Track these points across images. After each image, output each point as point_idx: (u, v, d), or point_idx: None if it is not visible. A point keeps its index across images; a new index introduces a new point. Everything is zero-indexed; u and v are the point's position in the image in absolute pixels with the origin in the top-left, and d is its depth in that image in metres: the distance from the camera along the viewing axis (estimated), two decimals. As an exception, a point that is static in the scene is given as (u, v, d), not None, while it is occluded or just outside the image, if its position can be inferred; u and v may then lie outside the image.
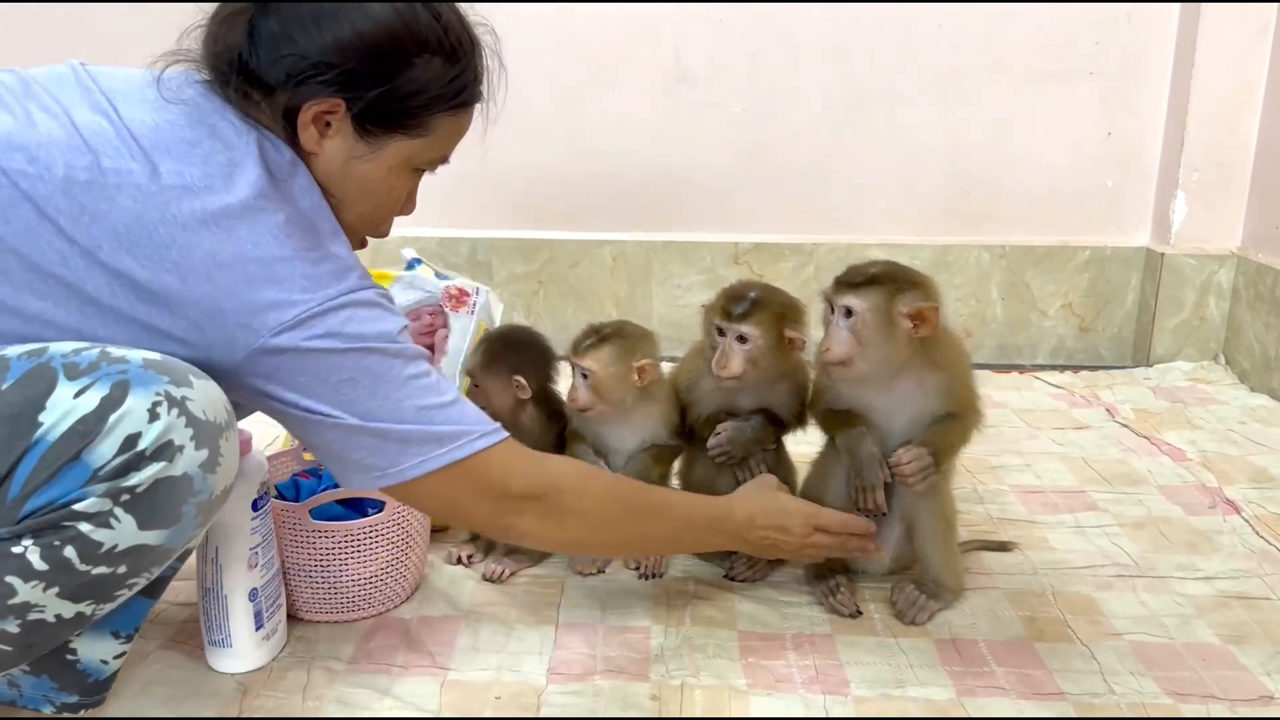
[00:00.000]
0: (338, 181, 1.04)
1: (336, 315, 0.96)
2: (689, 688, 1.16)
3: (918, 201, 2.57)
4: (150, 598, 1.01)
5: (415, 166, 1.10)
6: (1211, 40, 2.34)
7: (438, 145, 1.09)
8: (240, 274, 0.92)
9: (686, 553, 1.42)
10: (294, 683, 1.16)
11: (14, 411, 0.83)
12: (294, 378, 0.96)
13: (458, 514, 1.14)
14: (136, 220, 0.91)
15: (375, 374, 0.98)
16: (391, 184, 1.08)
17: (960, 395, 1.31)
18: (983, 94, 2.49)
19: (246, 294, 0.93)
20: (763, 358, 1.33)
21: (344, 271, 0.99)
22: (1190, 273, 2.45)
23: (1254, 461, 1.86)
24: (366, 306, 0.99)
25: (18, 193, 0.89)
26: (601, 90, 2.51)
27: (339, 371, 0.96)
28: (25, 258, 0.89)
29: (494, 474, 1.05)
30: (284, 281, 0.94)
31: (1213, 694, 1.16)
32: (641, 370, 1.36)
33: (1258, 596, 1.38)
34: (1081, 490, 1.74)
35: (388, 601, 1.32)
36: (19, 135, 0.91)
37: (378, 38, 0.99)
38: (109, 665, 0.99)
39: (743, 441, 1.39)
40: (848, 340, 1.25)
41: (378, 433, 0.99)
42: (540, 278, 2.61)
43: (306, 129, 1.00)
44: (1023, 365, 2.58)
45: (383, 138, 1.03)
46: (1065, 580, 1.42)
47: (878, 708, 1.13)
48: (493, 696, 1.15)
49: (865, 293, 1.24)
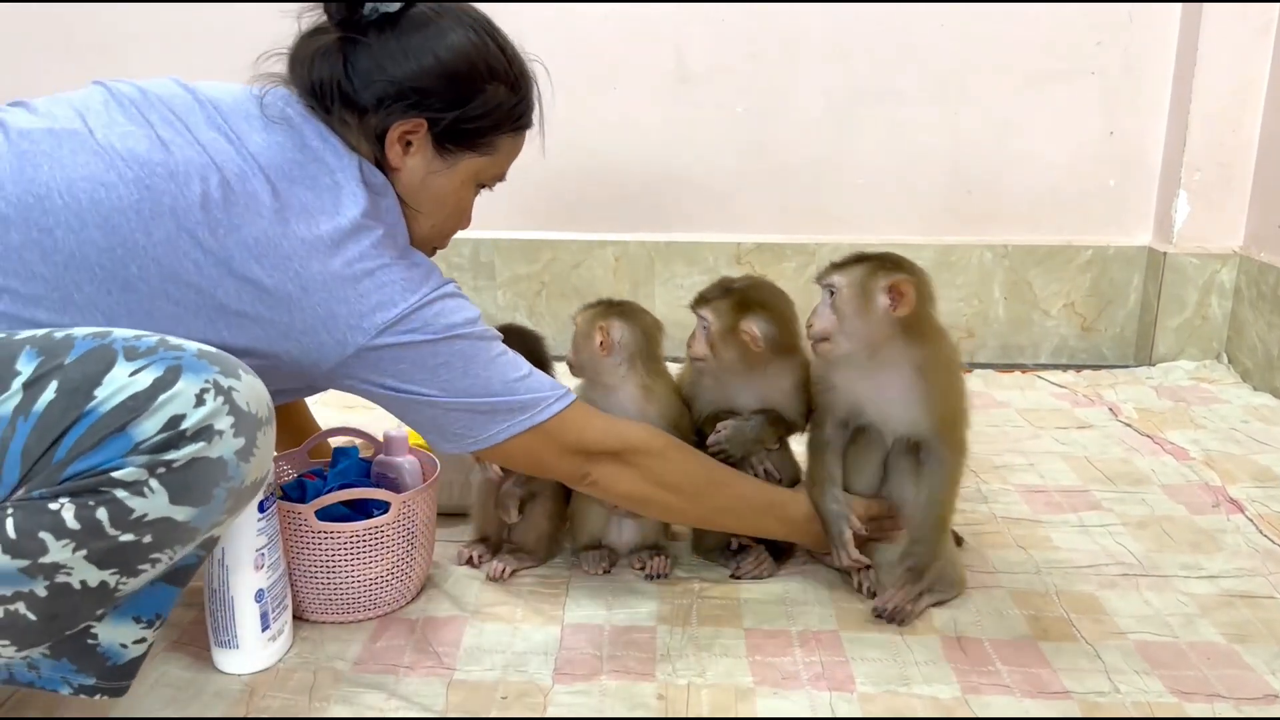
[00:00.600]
0: (416, 195, 1.18)
1: (430, 309, 1.10)
2: (695, 687, 1.16)
3: (919, 201, 2.57)
4: (175, 585, 1.01)
5: (479, 182, 1.25)
6: (1213, 39, 2.34)
7: (499, 163, 1.24)
8: (351, 283, 1.06)
9: (745, 533, 1.44)
10: (300, 683, 1.17)
11: (73, 386, 0.88)
12: (397, 366, 1.10)
13: (543, 468, 1.26)
14: (265, 235, 1.03)
15: (466, 356, 1.13)
16: (461, 196, 1.23)
17: (942, 416, 1.30)
18: (984, 94, 2.49)
19: (356, 300, 1.07)
20: (719, 344, 1.37)
21: (430, 273, 1.14)
22: (1192, 272, 2.45)
23: (1257, 460, 1.86)
24: (452, 298, 1.14)
25: (161, 207, 1.01)
26: (603, 91, 2.51)
27: (435, 357, 1.11)
28: (165, 266, 1.01)
29: (570, 433, 1.21)
30: (386, 287, 1.08)
31: (1218, 693, 1.16)
32: (601, 330, 1.38)
33: (1262, 595, 1.38)
34: (1085, 489, 1.74)
35: (393, 602, 1.32)
36: (157, 153, 1.03)
37: (457, 66, 1.14)
38: (128, 650, 1.00)
39: (741, 440, 1.39)
40: (829, 316, 1.29)
41: (470, 407, 1.14)
42: (543, 278, 2.61)
43: (393, 147, 1.14)
44: (1025, 365, 2.58)
45: (457, 154, 1.18)
46: (1069, 579, 1.42)
47: (883, 705, 1.13)
48: (499, 696, 1.15)
49: (846, 270, 1.30)
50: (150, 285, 1.01)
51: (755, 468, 1.42)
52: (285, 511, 1.25)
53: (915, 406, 1.30)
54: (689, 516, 1.41)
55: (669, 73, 2.50)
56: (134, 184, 1.00)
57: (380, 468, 1.41)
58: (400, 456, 1.40)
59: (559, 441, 1.20)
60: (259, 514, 1.15)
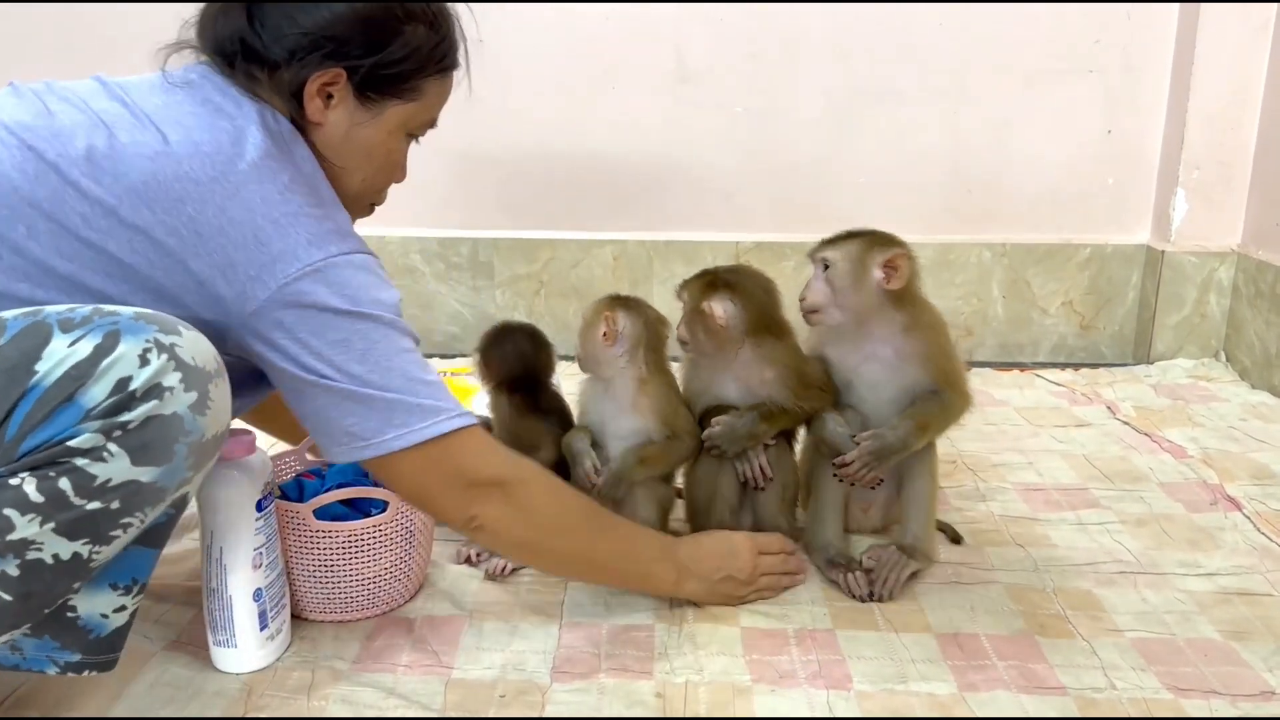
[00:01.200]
0: (342, 149, 1.13)
1: (339, 272, 1.03)
2: (693, 685, 1.17)
3: (919, 200, 2.57)
4: (151, 547, 1.00)
5: (409, 131, 1.19)
6: (1211, 38, 2.34)
7: (428, 108, 1.18)
8: (250, 229, 0.99)
9: (630, 586, 1.33)
10: (299, 683, 1.17)
11: (10, 364, 0.87)
12: (295, 332, 1.02)
13: (428, 497, 1.15)
14: (153, 178, 0.98)
15: (370, 339, 1.05)
16: (391, 147, 1.17)
17: (939, 365, 1.37)
18: (983, 93, 2.49)
19: (256, 247, 1.00)
20: (688, 325, 1.41)
21: (345, 234, 1.06)
22: (1191, 270, 2.45)
23: (1255, 458, 1.86)
24: (366, 271, 1.06)
25: (44, 164, 0.97)
26: (603, 90, 2.51)
27: (335, 331, 1.03)
28: (55, 221, 0.97)
29: (466, 458, 1.11)
30: (290, 236, 1.01)
31: (1214, 689, 1.16)
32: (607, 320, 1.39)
33: (1259, 593, 1.38)
34: (1083, 487, 1.74)
35: (392, 601, 1.32)
36: (41, 119, 1.00)
37: (371, 9, 1.09)
38: (109, 620, 0.99)
39: (735, 435, 1.40)
40: (822, 290, 1.37)
41: (364, 398, 1.05)
42: (542, 277, 2.61)
43: (312, 100, 1.09)
44: (1024, 363, 2.58)
45: (381, 103, 1.13)
46: (1067, 576, 1.42)
47: (881, 703, 1.13)
48: (497, 695, 1.15)
49: (840, 245, 1.37)
50: (42, 246, 0.97)
51: (750, 462, 1.42)
52: (283, 511, 1.25)
53: (908, 367, 1.37)
54: (579, 565, 1.27)
55: (669, 72, 2.50)
56: (16, 147, 0.98)
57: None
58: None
59: (451, 466, 1.11)
60: (257, 513, 1.15)
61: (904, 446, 1.35)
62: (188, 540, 1.50)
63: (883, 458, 1.35)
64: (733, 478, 1.45)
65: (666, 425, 1.41)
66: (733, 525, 1.47)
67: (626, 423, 1.42)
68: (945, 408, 1.38)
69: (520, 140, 2.54)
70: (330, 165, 1.13)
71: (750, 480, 1.44)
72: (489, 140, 2.54)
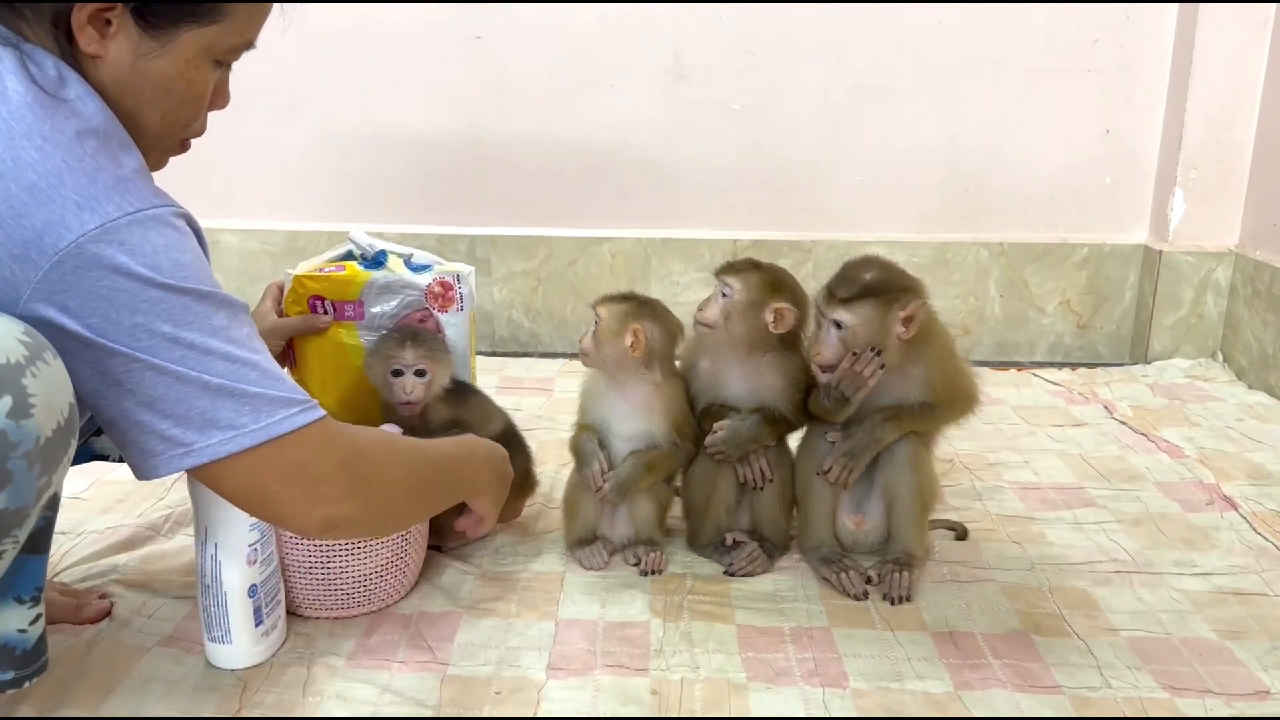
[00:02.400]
0: (130, 85, 0.94)
1: (146, 232, 0.87)
2: (689, 682, 1.17)
3: (916, 199, 2.57)
4: (39, 553, 0.95)
5: (215, 58, 0.99)
6: (1210, 38, 2.34)
7: (237, 30, 0.98)
8: (2, 200, 0.82)
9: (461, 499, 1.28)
10: (294, 678, 1.17)
11: None
12: (83, 318, 0.85)
13: (263, 501, 0.98)
14: None
15: (175, 319, 0.88)
16: (191, 78, 0.98)
17: (939, 385, 1.36)
18: (981, 91, 2.49)
19: (13, 222, 0.83)
20: (737, 317, 1.38)
21: (128, 186, 0.88)
22: (1188, 270, 2.45)
23: (1251, 458, 1.87)
24: (160, 230, 0.88)
25: None
26: (600, 87, 2.51)
27: (131, 313, 0.86)
28: None
29: (306, 454, 0.96)
30: (54, 202, 0.83)
31: (1209, 689, 1.16)
32: (635, 334, 1.37)
33: (1255, 593, 1.38)
34: (1079, 486, 1.74)
35: (387, 597, 1.32)
36: None
37: None
38: (29, 632, 0.96)
39: (739, 440, 1.40)
40: (838, 348, 1.32)
41: (177, 396, 0.89)
42: (539, 275, 2.61)
43: (84, 30, 0.91)
44: (1021, 362, 2.59)
45: (170, 30, 0.94)
46: (1063, 575, 1.42)
47: (876, 701, 1.13)
48: (493, 691, 1.15)
49: (856, 308, 1.30)
50: None
51: (751, 465, 1.42)
52: (279, 506, 1.24)
53: (910, 386, 1.36)
54: (422, 513, 1.27)
55: (666, 70, 2.50)
56: None
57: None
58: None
59: (292, 464, 0.95)
60: (253, 509, 1.15)
61: (874, 440, 1.36)
62: (182, 536, 1.50)
63: (857, 455, 1.36)
64: (731, 478, 1.45)
65: (675, 430, 1.41)
66: (730, 526, 1.47)
67: (635, 424, 1.42)
68: (930, 412, 1.38)
69: (518, 137, 2.54)
70: (119, 103, 0.94)
71: (751, 482, 1.44)
72: (486, 136, 2.54)
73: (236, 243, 2.57)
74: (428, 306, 1.50)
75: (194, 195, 2.78)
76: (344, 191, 2.59)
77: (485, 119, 2.52)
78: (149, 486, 1.69)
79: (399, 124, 2.54)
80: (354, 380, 1.49)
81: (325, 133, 2.53)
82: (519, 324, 2.63)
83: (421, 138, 2.54)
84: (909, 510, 1.40)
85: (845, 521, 1.45)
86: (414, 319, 1.50)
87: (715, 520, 1.46)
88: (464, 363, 1.51)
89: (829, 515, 1.43)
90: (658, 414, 1.41)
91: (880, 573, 1.38)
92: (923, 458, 1.41)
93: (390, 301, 1.49)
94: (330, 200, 2.59)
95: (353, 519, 1.04)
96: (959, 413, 1.40)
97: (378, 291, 1.48)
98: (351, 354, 1.50)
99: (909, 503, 1.39)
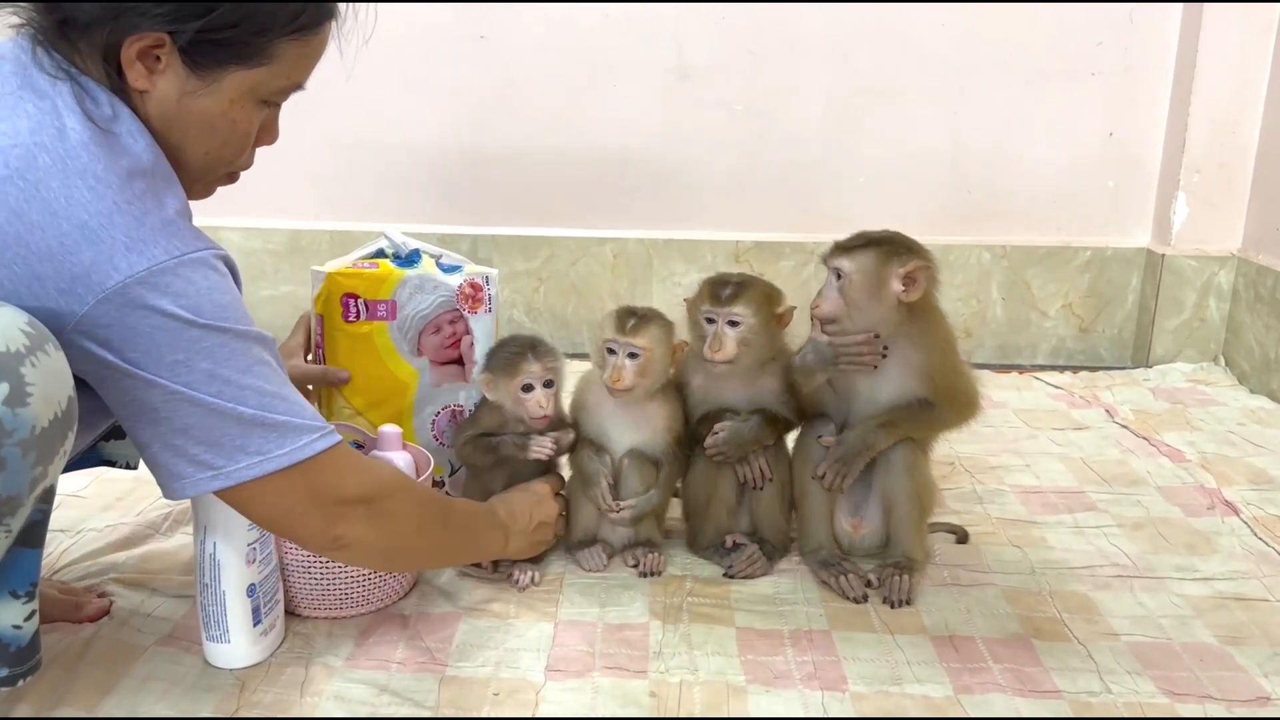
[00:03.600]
0: (176, 120, 0.97)
1: (167, 282, 0.89)
2: (687, 684, 1.16)
3: (919, 201, 2.56)
4: (33, 548, 0.96)
5: (262, 98, 1.01)
6: (1213, 41, 2.34)
7: (284, 73, 1.00)
8: (54, 235, 0.86)
9: (468, 561, 1.38)
10: (292, 678, 1.16)
11: None
12: (124, 353, 0.89)
13: (289, 522, 1.03)
14: None
15: (214, 356, 0.92)
16: (235, 118, 1.00)
17: (939, 382, 1.35)
18: (984, 94, 2.49)
19: (63, 257, 0.86)
20: (755, 338, 1.36)
21: (173, 229, 0.91)
22: (1191, 274, 2.45)
23: (1253, 463, 1.86)
24: (202, 272, 0.92)
25: None
26: (603, 87, 2.51)
27: (172, 350, 0.90)
28: None
29: (329, 477, 1.01)
30: (103, 242, 0.87)
31: (1210, 694, 1.16)
32: (677, 349, 1.37)
33: (1255, 598, 1.38)
34: (1080, 490, 1.74)
35: (386, 598, 1.32)
36: None
37: None
38: (23, 629, 0.96)
39: (740, 442, 1.40)
40: (836, 300, 1.31)
41: (213, 424, 0.93)
42: (541, 275, 2.61)
43: (132, 66, 0.93)
44: (1023, 365, 2.58)
45: (216, 70, 0.96)
46: (1063, 580, 1.42)
47: (875, 704, 1.13)
48: (491, 693, 1.15)
49: (856, 255, 1.31)
50: None
51: (751, 465, 1.42)
52: (278, 506, 1.24)
53: (911, 381, 1.34)
54: (436, 559, 1.32)
55: (669, 70, 2.50)
56: None
57: (374, 463, 1.41)
58: (394, 452, 1.40)
59: (315, 486, 1.00)
60: (252, 508, 1.15)
61: (867, 447, 1.35)
62: (181, 535, 1.50)
63: (850, 461, 1.35)
64: (731, 480, 1.44)
65: (675, 441, 1.42)
66: (730, 526, 1.47)
67: (636, 435, 1.42)
68: (928, 415, 1.36)
69: (520, 137, 2.54)
70: (165, 137, 0.97)
71: (751, 482, 1.43)
72: (489, 136, 2.54)
73: (239, 241, 2.57)
74: (458, 307, 1.49)
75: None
76: (346, 191, 2.59)
77: (488, 119, 2.52)
78: (148, 485, 1.69)
79: (402, 124, 2.54)
80: (383, 381, 1.49)
81: (328, 132, 2.53)
82: (520, 324, 2.63)
83: (424, 137, 2.54)
84: (907, 516, 1.39)
85: (843, 525, 1.45)
86: (444, 320, 1.49)
87: (715, 522, 1.45)
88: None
89: (827, 518, 1.43)
90: (659, 427, 1.41)
91: (880, 576, 1.37)
92: (919, 463, 1.40)
93: (423, 301, 1.48)
94: (333, 199, 2.59)
95: (364, 542, 1.07)
96: (958, 415, 1.39)
97: (411, 291, 1.48)
98: (383, 354, 1.49)
99: (907, 508, 1.39)
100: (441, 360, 1.51)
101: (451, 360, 1.52)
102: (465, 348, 1.51)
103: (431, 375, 1.52)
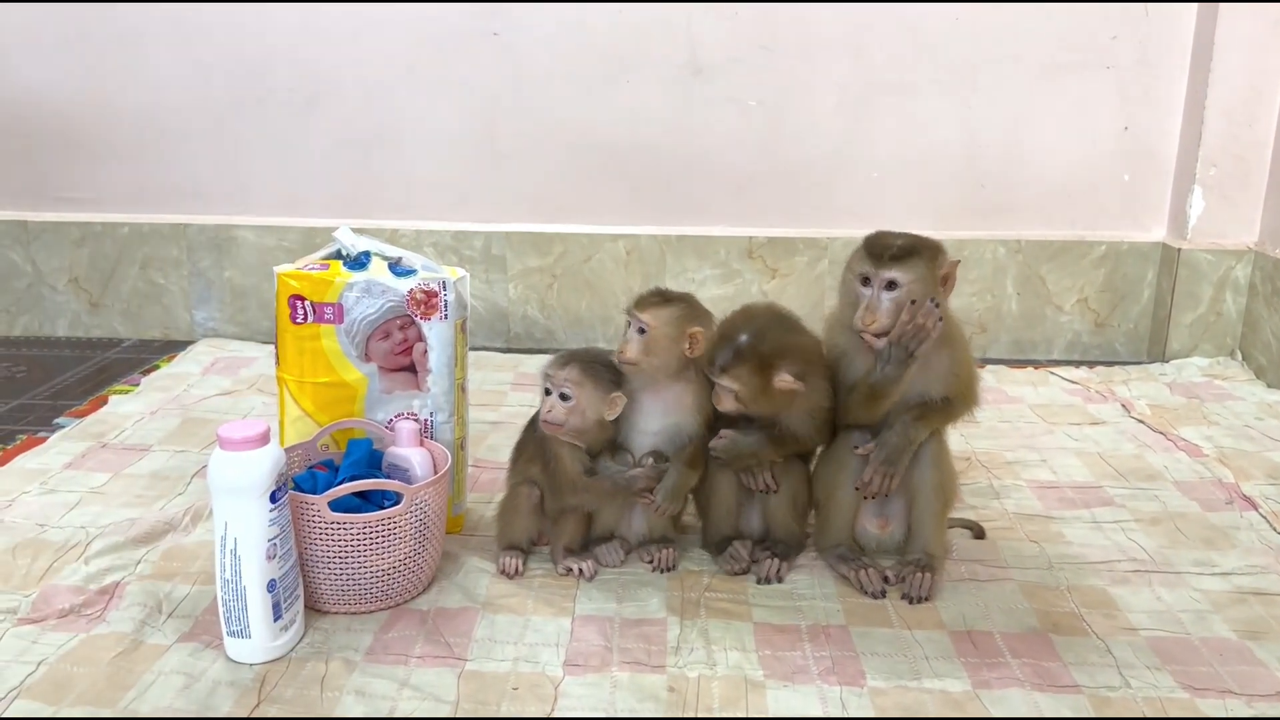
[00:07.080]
0: None
1: None
2: (705, 679, 1.17)
3: (933, 195, 2.56)
4: None
5: None
6: (1229, 34, 2.32)
7: None
8: None
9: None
10: (312, 673, 1.17)
11: None
12: None
13: None
14: None
15: None
16: None
17: (961, 376, 1.36)
18: (998, 88, 2.48)
19: None
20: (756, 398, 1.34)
21: None
22: (1207, 268, 2.44)
23: (1270, 457, 1.85)
24: None
25: None
26: (615, 83, 2.51)
27: None
28: None
29: None
30: None
31: (1229, 689, 1.15)
32: (693, 337, 1.35)
33: (1275, 592, 1.37)
34: (1097, 485, 1.73)
35: (405, 593, 1.33)
36: None
37: None
38: None
39: (736, 453, 1.39)
40: (891, 310, 1.30)
41: None
42: (554, 271, 2.61)
43: None
44: (1038, 360, 2.57)
45: None
46: (1081, 575, 1.42)
47: (894, 699, 1.13)
48: (510, 687, 1.15)
49: (910, 264, 1.29)
50: None
51: (755, 476, 1.41)
52: (298, 502, 1.25)
53: (932, 380, 1.35)
54: None
55: (682, 65, 2.49)
56: None
57: (391, 459, 1.41)
58: (411, 448, 1.40)
59: None
60: (271, 505, 1.16)
61: (909, 442, 1.35)
62: (202, 531, 1.50)
63: (895, 461, 1.35)
64: (734, 481, 1.44)
65: (706, 423, 1.40)
66: (736, 528, 1.46)
67: (664, 420, 1.40)
68: (947, 409, 1.37)
69: (533, 133, 2.54)
70: None
71: (758, 488, 1.43)
72: (502, 133, 2.54)
73: (253, 239, 2.58)
74: (409, 313, 1.45)
75: (212, 192, 2.79)
76: (360, 188, 2.60)
77: (501, 115, 2.52)
78: (169, 481, 1.70)
79: (415, 120, 2.54)
80: (330, 385, 1.46)
81: (342, 129, 2.53)
82: (534, 320, 2.63)
83: (437, 134, 2.55)
84: (930, 507, 1.39)
85: (869, 527, 1.44)
86: (393, 325, 1.45)
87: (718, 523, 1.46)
88: (447, 372, 1.47)
89: (850, 520, 1.42)
90: (690, 410, 1.40)
91: (901, 573, 1.37)
92: (944, 454, 1.40)
93: (370, 305, 1.43)
94: (346, 197, 2.60)
95: None
96: (967, 408, 1.39)
97: (358, 295, 1.43)
98: (330, 358, 1.45)
99: (930, 499, 1.39)
100: (392, 367, 1.47)
101: (403, 367, 1.47)
102: (418, 355, 1.46)
103: (381, 382, 1.47)
